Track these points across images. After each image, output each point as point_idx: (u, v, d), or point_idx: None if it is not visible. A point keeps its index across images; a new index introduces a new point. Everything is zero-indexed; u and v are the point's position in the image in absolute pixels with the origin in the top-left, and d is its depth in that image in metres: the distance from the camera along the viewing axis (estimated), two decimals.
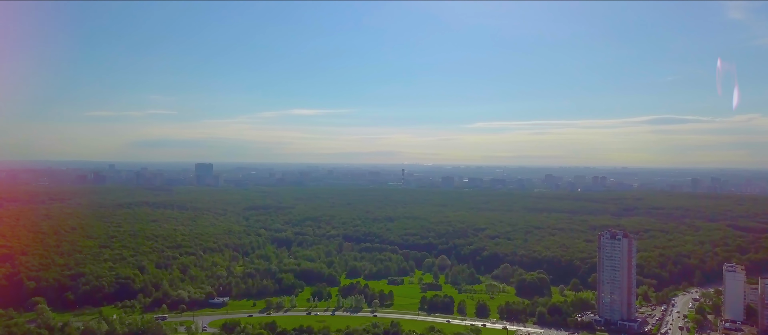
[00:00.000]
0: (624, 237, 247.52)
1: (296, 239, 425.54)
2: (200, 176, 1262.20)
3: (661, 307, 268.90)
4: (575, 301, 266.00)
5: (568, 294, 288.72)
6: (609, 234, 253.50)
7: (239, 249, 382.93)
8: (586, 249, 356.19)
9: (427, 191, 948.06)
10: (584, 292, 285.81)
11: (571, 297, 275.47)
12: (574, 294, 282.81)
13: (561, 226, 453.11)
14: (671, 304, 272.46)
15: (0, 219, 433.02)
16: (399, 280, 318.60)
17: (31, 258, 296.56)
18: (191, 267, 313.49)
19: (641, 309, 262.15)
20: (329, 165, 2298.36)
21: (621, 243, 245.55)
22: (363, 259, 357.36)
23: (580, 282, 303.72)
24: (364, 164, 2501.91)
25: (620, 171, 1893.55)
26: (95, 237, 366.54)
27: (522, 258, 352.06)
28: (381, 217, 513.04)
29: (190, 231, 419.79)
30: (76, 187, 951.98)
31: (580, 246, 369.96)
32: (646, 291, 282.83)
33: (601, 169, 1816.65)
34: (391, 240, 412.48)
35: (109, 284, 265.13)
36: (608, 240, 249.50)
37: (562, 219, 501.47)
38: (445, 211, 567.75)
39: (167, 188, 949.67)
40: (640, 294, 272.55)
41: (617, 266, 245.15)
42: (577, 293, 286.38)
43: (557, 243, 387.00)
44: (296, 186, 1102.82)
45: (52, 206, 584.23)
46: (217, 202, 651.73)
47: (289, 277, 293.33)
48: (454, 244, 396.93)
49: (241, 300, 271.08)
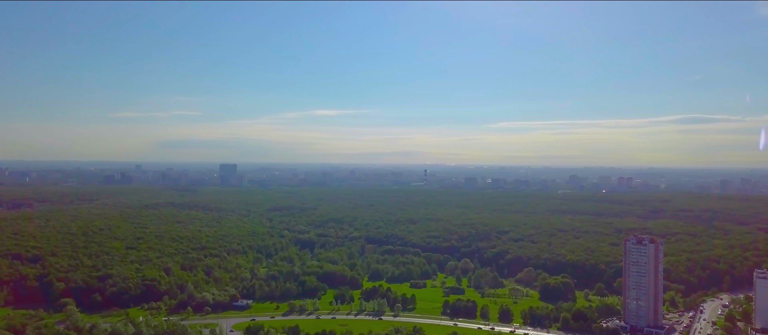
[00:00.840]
0: (650, 243, 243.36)
1: (319, 241, 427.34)
2: (224, 176, 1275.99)
3: (689, 314, 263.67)
4: (600, 307, 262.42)
5: (593, 299, 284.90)
6: (635, 239, 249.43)
7: (263, 251, 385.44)
8: (611, 252, 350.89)
9: (450, 192, 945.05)
10: (610, 297, 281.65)
11: (596, 303, 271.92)
12: (600, 300, 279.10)
13: (586, 229, 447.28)
14: (699, 311, 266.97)
15: (30, 219, 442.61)
16: (421, 283, 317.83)
17: (61, 260, 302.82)
18: (215, 269, 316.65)
19: (668, 315, 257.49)
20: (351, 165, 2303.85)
21: (647, 248, 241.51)
22: (385, 262, 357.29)
23: (605, 287, 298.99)
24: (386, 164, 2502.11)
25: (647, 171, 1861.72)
26: (122, 239, 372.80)
27: (546, 261, 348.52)
28: (403, 219, 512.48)
29: (215, 232, 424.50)
30: (103, 188, 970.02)
31: (605, 250, 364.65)
32: (673, 297, 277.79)
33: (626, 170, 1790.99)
34: (414, 243, 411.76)
35: (135, 286, 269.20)
36: (634, 245, 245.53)
37: (587, 221, 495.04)
38: (468, 213, 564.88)
39: (192, 188, 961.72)
40: (667, 299, 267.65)
41: (643, 271, 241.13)
42: (602, 298, 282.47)
43: (582, 246, 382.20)
44: (319, 187, 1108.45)
45: (80, 207, 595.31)
46: (241, 203, 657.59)
47: (312, 280, 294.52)
48: (477, 247, 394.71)
49: (264, 302, 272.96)
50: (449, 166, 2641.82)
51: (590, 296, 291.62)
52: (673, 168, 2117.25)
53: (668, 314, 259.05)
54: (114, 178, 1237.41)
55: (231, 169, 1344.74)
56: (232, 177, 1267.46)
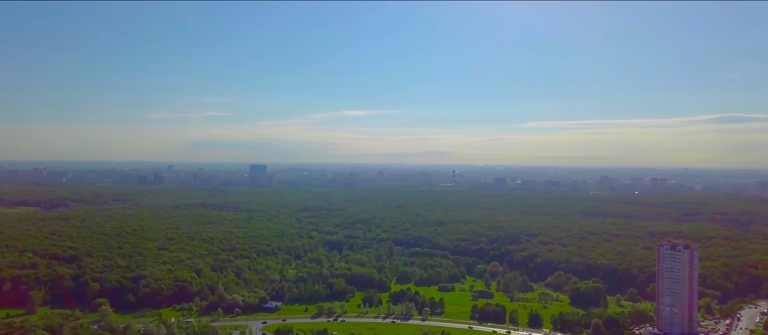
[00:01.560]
0: (685, 249, 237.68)
1: (347, 242, 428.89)
2: (254, 177, 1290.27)
3: (726, 321, 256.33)
4: (633, 313, 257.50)
5: (626, 305, 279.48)
6: (668, 245, 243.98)
7: (292, 252, 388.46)
8: (644, 257, 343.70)
9: (479, 193, 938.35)
10: (642, 303, 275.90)
11: (629, 309, 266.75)
12: (632, 306, 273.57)
13: (617, 232, 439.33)
14: (736, 318, 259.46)
15: (67, 219, 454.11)
16: (450, 287, 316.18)
17: (96, 260, 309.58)
18: (245, 271, 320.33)
19: (703, 322, 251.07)
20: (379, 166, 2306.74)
21: (682, 254, 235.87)
22: (413, 264, 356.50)
23: (638, 292, 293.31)
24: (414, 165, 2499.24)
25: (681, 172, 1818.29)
26: (154, 239, 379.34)
27: (576, 265, 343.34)
28: (431, 221, 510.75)
29: (245, 233, 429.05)
30: (136, 188, 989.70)
31: (638, 254, 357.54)
32: (708, 304, 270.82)
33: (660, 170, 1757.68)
34: (442, 245, 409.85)
35: (167, 287, 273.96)
36: (668, 251, 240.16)
37: (619, 224, 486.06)
38: (497, 215, 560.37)
39: (223, 189, 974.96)
40: (702, 306, 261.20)
41: (678, 278, 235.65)
42: (634, 304, 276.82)
43: (614, 250, 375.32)
44: (347, 188, 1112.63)
45: (114, 207, 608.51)
46: (271, 204, 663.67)
47: (340, 282, 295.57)
48: (506, 250, 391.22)
49: (293, 304, 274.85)
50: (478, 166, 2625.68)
51: (622, 302, 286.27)
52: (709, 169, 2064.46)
53: (704, 321, 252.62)
54: (147, 179, 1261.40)
55: (261, 170, 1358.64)
56: (262, 177, 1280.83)
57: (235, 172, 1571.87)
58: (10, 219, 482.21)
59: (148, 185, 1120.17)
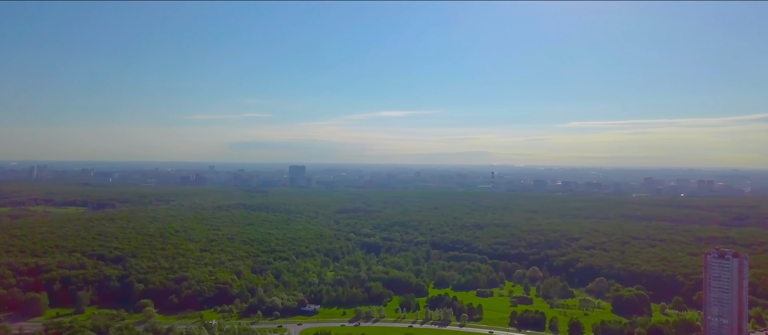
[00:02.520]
0: (734, 257, 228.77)
1: (384, 245, 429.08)
2: (293, 178, 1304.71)
3: None
4: (678, 322, 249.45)
5: (671, 313, 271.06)
6: (716, 253, 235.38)
7: (330, 254, 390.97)
8: (690, 263, 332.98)
9: (518, 195, 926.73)
10: (688, 312, 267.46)
11: (674, 318, 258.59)
12: (677, 314, 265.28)
13: (662, 237, 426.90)
14: None
15: (113, 220, 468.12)
16: (488, 292, 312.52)
17: (141, 261, 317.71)
18: (284, 273, 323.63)
19: (754, 333, 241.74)
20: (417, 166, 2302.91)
21: (730, 263, 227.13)
22: (451, 269, 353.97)
23: (683, 301, 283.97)
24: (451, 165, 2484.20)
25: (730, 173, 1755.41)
26: (196, 241, 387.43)
27: (619, 271, 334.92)
28: (469, 224, 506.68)
29: (284, 235, 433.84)
30: (179, 189, 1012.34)
31: (683, 260, 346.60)
32: (759, 314, 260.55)
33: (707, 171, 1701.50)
34: (480, 249, 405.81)
35: (209, 289, 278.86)
36: (715, 259, 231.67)
37: (664, 228, 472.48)
38: (537, 218, 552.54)
39: (263, 189, 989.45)
40: (752, 316, 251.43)
41: (726, 287, 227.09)
42: (680, 313, 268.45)
43: (658, 255, 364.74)
44: (384, 189, 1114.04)
45: (158, 208, 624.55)
46: (310, 205, 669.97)
47: (377, 286, 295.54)
48: (546, 255, 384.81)
49: (331, 308, 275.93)
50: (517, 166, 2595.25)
51: (667, 310, 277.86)
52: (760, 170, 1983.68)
53: (754, 332, 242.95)
54: (189, 179, 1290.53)
55: (300, 170, 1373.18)
56: (300, 178, 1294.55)
57: (274, 173, 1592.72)
58: (60, 219, 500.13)
59: (191, 185, 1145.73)
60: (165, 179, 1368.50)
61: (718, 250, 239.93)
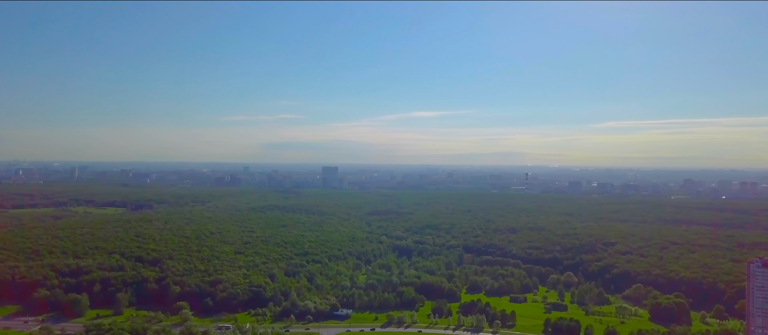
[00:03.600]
0: None
1: (416, 248, 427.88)
2: (326, 178, 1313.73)
3: None
4: (719, 332, 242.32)
5: (711, 322, 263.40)
6: (759, 261, 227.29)
7: (362, 257, 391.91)
8: (732, 270, 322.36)
9: (552, 197, 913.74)
10: (730, 321, 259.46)
11: (715, 327, 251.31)
12: (718, 324, 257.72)
13: (703, 242, 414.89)
14: None
15: (151, 222, 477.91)
16: (522, 298, 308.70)
17: (177, 263, 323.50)
18: (317, 276, 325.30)
19: None
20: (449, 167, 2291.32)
21: None
22: (484, 273, 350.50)
23: (725, 309, 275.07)
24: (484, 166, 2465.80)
25: None
26: (231, 243, 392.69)
27: (657, 278, 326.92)
28: (503, 227, 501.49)
29: (317, 237, 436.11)
30: (214, 189, 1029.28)
31: (725, 267, 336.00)
32: None
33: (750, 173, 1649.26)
34: (514, 254, 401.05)
35: (243, 292, 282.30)
36: (759, 268, 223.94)
37: (704, 233, 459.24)
38: (572, 221, 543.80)
39: (296, 190, 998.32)
40: None
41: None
42: (721, 322, 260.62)
43: (698, 262, 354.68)
44: (416, 190, 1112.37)
45: (194, 209, 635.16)
46: (342, 206, 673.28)
47: (409, 291, 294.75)
48: (582, 259, 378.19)
49: (363, 312, 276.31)
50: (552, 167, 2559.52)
51: (708, 319, 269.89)
52: None
53: None
54: (224, 180, 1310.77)
55: (332, 171, 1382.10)
56: (333, 179, 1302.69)
57: (307, 173, 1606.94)
58: (100, 220, 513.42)
59: (226, 186, 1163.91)
60: (201, 180, 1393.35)
61: (761, 259, 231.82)
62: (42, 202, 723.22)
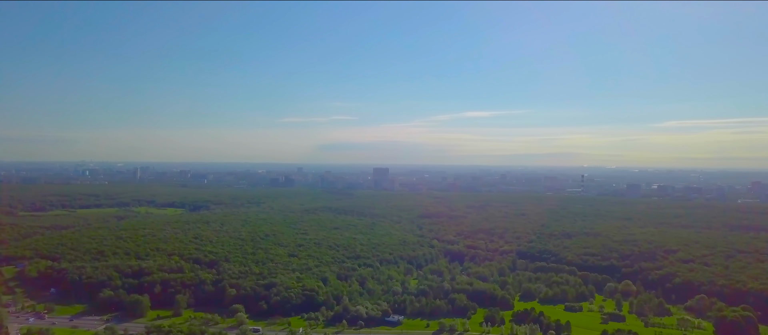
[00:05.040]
0: None
1: (468, 253, 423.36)
2: (377, 180, 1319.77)
3: None
4: None
5: None
6: None
7: (413, 262, 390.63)
8: None
9: (610, 200, 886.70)
10: None
11: None
12: None
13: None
14: None
15: (208, 223, 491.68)
16: (577, 307, 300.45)
17: (233, 266, 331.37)
18: (368, 280, 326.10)
19: None
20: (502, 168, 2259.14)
21: None
22: (538, 281, 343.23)
23: None
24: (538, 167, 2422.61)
25: None
26: (285, 245, 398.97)
27: (722, 288, 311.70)
28: (558, 232, 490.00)
29: (368, 240, 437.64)
30: (269, 190, 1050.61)
31: None
32: None
33: None
34: (569, 260, 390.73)
35: (296, 295, 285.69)
36: None
37: None
38: (630, 226, 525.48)
39: (348, 192, 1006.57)
40: None
41: None
42: None
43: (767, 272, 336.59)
44: (468, 192, 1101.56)
45: (249, 210, 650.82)
46: (393, 208, 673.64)
47: (461, 298, 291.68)
48: (640, 267, 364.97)
49: (414, 318, 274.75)
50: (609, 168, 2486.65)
51: None
52: None
53: None
54: (279, 181, 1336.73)
55: (383, 173, 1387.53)
56: (384, 180, 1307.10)
57: (359, 174, 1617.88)
58: (160, 221, 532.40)
59: (280, 187, 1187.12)
60: (256, 181, 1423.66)
61: None
62: (106, 202, 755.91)
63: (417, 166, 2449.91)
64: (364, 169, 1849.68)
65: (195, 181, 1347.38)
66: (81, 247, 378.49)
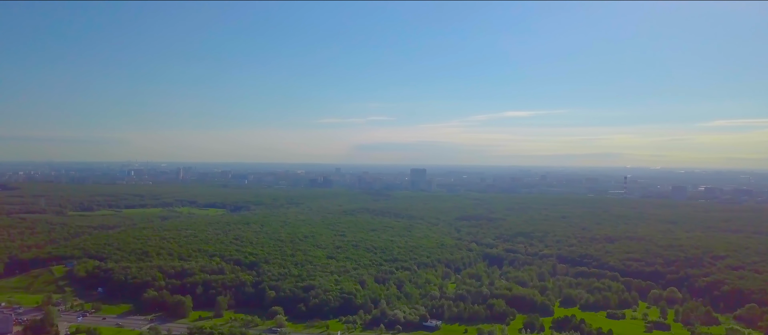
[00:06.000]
0: None
1: (507, 257, 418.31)
2: (414, 181, 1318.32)
3: None
4: None
5: None
6: None
7: (451, 265, 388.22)
8: None
9: (654, 202, 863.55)
10: None
11: None
12: None
13: None
14: None
15: (248, 224, 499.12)
16: (619, 314, 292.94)
17: (272, 267, 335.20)
18: (406, 284, 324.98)
19: None
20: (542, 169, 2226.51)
21: None
22: (579, 286, 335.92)
23: None
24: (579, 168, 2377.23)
25: None
26: (323, 247, 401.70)
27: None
28: (599, 236, 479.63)
29: (406, 242, 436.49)
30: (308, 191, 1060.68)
31: None
32: None
33: None
34: (611, 265, 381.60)
35: (334, 298, 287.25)
36: None
37: None
38: (675, 230, 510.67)
39: (385, 193, 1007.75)
40: None
41: None
42: None
43: None
44: (507, 193, 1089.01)
45: (288, 211, 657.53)
46: (430, 210, 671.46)
47: (500, 303, 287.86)
48: (686, 274, 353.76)
49: (452, 324, 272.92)
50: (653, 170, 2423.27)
51: None
52: None
53: None
54: (317, 181, 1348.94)
55: (421, 174, 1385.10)
56: (421, 181, 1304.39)
57: (396, 175, 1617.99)
58: (202, 221, 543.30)
59: (318, 188, 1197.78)
60: (295, 181, 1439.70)
61: None
62: (151, 203, 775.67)
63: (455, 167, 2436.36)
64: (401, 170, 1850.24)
65: (236, 182, 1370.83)
66: (126, 248, 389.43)
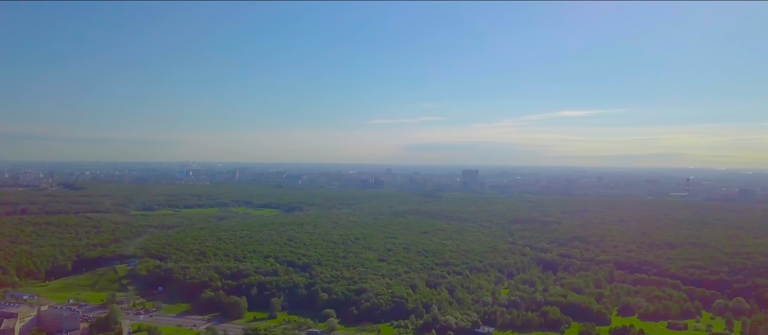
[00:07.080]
0: None
1: (562, 262, 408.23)
2: (466, 182, 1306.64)
3: None
4: None
5: None
6: None
7: (504, 270, 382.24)
8: None
9: (719, 206, 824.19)
10: None
11: None
12: None
13: None
14: None
15: (302, 225, 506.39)
16: (681, 325, 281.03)
17: (325, 269, 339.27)
18: (458, 289, 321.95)
19: None
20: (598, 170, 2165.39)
21: None
22: (637, 294, 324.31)
23: None
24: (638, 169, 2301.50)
25: None
26: (375, 250, 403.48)
27: None
28: (659, 242, 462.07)
29: (457, 246, 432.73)
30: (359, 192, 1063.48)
31: None
32: None
33: None
34: (672, 273, 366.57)
35: (385, 302, 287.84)
36: None
37: None
38: (743, 236, 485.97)
39: (436, 194, 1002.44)
40: None
41: None
42: None
43: None
44: (562, 196, 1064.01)
45: (340, 212, 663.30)
46: (482, 213, 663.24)
47: (554, 311, 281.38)
48: (755, 284, 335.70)
49: (505, 331, 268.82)
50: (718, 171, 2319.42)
51: None
52: None
53: None
54: (368, 182, 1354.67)
55: (473, 174, 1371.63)
56: (473, 182, 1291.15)
57: (447, 176, 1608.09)
58: (257, 222, 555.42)
59: (369, 189, 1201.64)
60: (347, 182, 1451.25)
61: None
62: (208, 203, 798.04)
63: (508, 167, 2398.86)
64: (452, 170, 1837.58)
65: (290, 182, 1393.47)
66: (185, 248, 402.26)
